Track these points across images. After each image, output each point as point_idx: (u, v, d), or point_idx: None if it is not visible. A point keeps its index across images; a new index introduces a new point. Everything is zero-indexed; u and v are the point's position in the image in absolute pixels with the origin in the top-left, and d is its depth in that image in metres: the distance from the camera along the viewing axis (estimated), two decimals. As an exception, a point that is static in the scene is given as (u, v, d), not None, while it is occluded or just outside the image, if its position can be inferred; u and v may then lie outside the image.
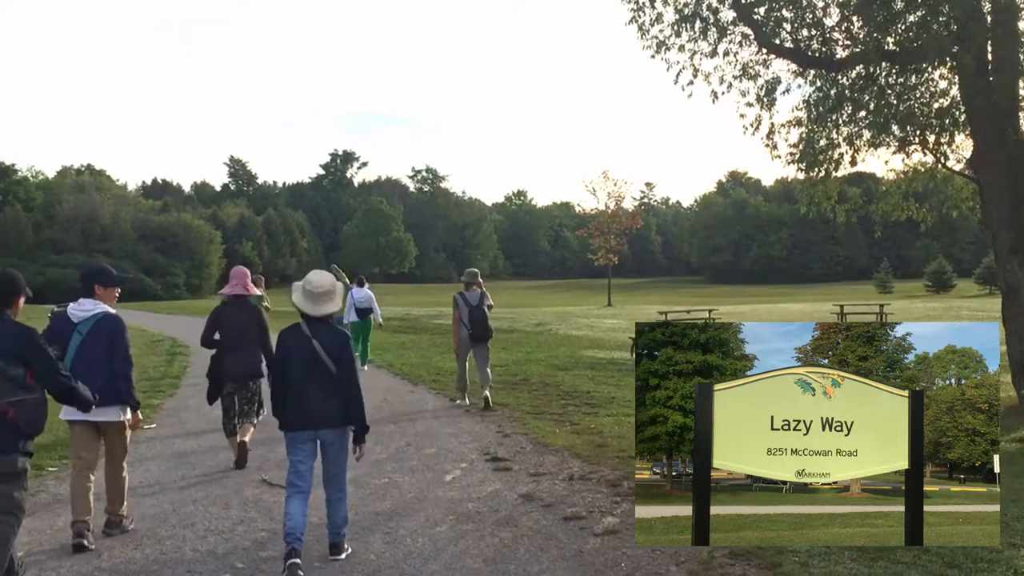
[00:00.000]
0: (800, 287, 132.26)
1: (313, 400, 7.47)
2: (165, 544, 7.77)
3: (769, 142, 16.32)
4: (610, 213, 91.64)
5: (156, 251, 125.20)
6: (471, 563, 7.17)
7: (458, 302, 16.02)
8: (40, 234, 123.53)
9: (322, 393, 7.48)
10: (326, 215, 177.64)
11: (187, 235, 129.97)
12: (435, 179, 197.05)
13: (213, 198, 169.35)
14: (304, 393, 7.49)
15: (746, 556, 7.07)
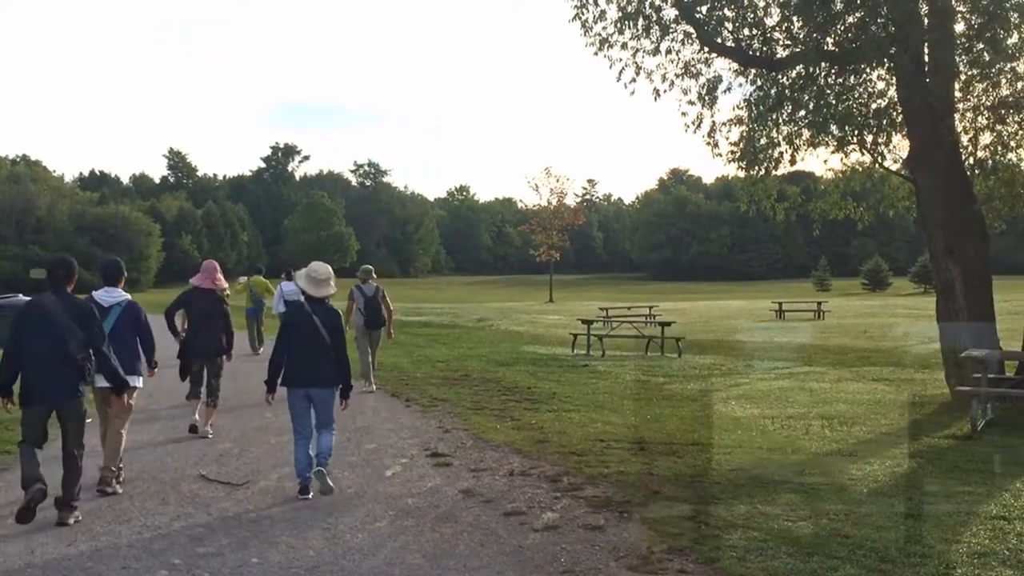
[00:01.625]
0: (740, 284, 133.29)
1: (309, 364, 9.38)
2: (100, 540, 7.67)
3: (710, 140, 16.44)
4: (552, 209, 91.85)
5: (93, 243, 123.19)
6: (411, 559, 7.16)
7: (354, 294, 17.77)
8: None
9: (317, 359, 9.40)
10: (267, 209, 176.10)
11: (125, 227, 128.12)
12: (377, 174, 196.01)
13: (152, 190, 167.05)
14: (302, 358, 9.39)
15: (684, 551, 7.13)
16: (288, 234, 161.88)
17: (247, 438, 12.55)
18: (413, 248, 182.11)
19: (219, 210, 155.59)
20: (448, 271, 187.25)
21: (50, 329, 8.34)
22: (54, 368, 8.32)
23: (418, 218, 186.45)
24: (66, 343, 8.36)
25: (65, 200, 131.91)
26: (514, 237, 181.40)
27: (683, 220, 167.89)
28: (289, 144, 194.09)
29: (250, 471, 10.43)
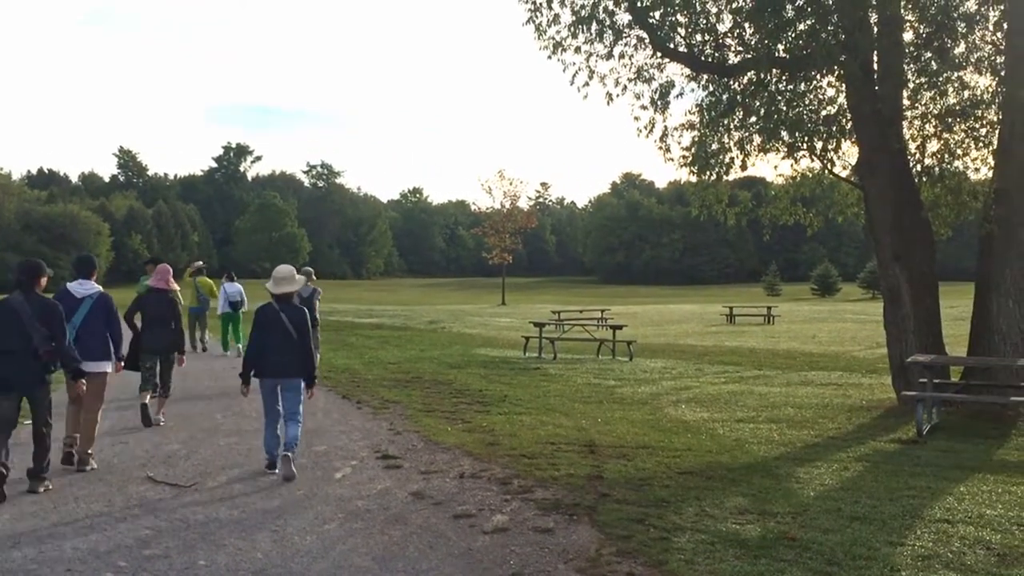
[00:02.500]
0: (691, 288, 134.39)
1: (278, 357, 10.48)
2: (45, 544, 7.57)
3: (662, 145, 16.49)
4: (505, 212, 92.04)
5: (41, 242, 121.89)
6: (360, 561, 7.13)
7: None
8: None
9: (285, 352, 10.49)
10: (218, 209, 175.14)
11: (74, 226, 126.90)
12: (330, 175, 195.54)
13: (101, 189, 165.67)
14: (272, 352, 10.47)
15: (632, 553, 7.16)
16: (239, 234, 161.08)
17: (196, 440, 12.45)
18: (366, 250, 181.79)
19: (170, 210, 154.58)
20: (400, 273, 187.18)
21: (17, 326, 9.34)
22: (22, 361, 9.34)
23: (371, 220, 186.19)
24: (31, 339, 9.34)
25: (12, 198, 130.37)
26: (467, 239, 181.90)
27: (635, 224, 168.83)
28: (241, 144, 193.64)
29: (198, 473, 10.34)
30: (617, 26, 15.76)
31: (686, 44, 15.79)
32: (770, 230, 19.16)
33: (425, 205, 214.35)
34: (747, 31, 15.32)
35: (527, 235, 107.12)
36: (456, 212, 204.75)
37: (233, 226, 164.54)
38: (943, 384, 14.50)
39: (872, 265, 73.63)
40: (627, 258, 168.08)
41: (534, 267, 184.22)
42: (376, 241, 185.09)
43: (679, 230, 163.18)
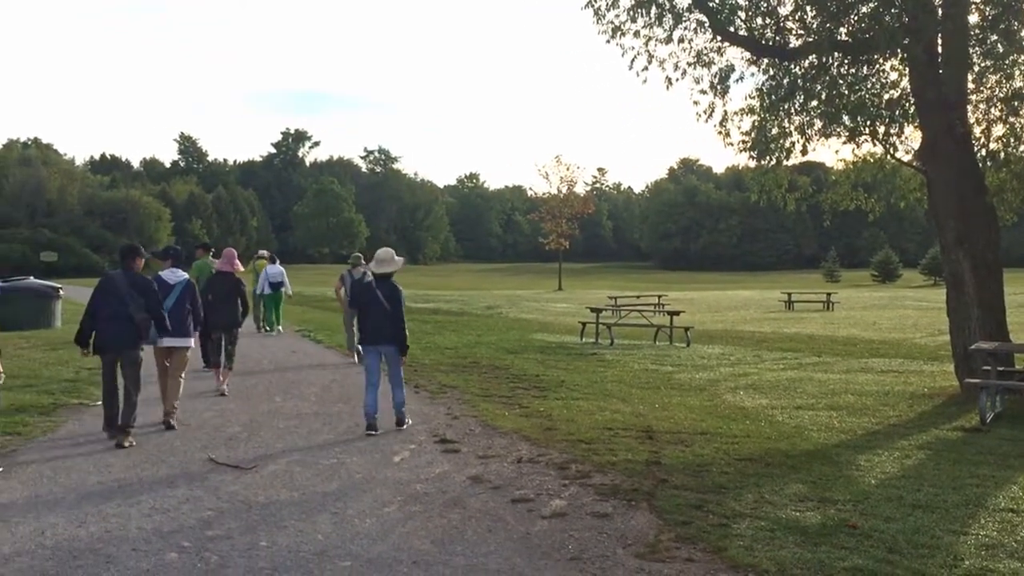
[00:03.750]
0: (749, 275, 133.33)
1: (378, 327, 12.06)
2: (110, 522, 7.70)
3: (722, 130, 16.38)
4: (562, 197, 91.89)
5: (104, 227, 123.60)
6: (419, 544, 7.17)
7: (345, 278, 20.26)
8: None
9: (382, 322, 12.01)
10: (277, 194, 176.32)
11: (135, 211, 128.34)
12: (387, 160, 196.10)
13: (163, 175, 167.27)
14: (373, 322, 12.13)
15: (691, 539, 7.14)
16: (297, 220, 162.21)
17: (256, 423, 12.58)
18: (422, 235, 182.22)
19: (229, 195, 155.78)
20: (457, 258, 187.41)
21: (116, 296, 11.18)
22: (120, 325, 11.15)
23: (427, 205, 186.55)
24: (126, 308, 11.13)
25: (76, 183, 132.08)
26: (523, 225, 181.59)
27: (693, 210, 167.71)
28: (300, 130, 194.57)
29: (259, 455, 10.46)
30: (677, 10, 15.68)
31: (746, 28, 15.66)
32: (830, 216, 18.96)
33: (482, 190, 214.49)
34: (809, 14, 15.17)
35: (584, 221, 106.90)
36: (513, 197, 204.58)
37: (291, 211, 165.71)
38: (1007, 372, 14.28)
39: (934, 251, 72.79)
40: (684, 244, 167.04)
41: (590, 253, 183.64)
42: (433, 226, 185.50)
43: (737, 216, 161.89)
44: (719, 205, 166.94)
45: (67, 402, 14.03)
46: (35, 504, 8.23)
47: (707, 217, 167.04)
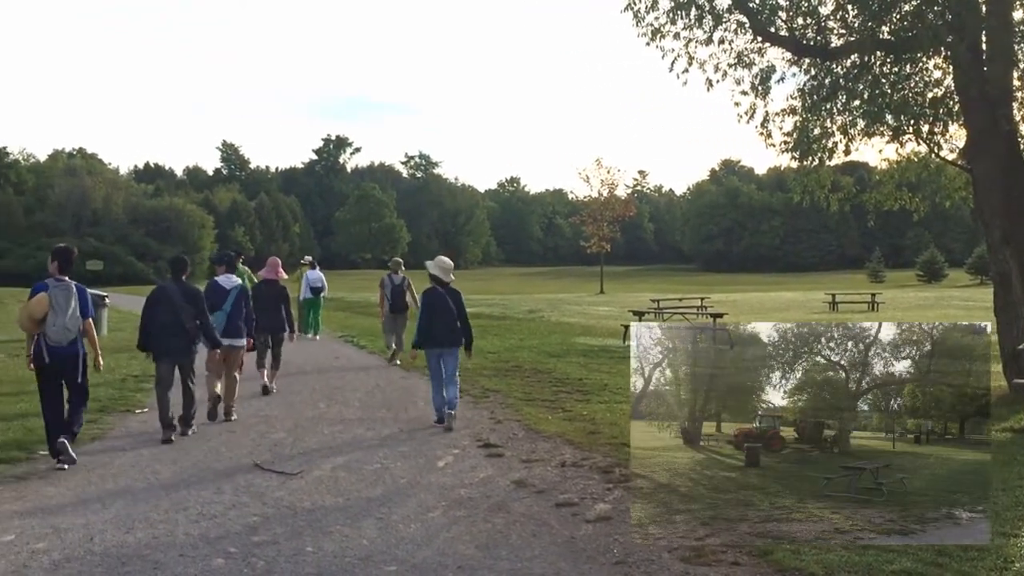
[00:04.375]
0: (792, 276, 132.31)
1: (442, 330, 12.79)
2: (158, 528, 7.77)
3: (763, 130, 16.30)
4: (603, 200, 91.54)
5: (148, 235, 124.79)
6: (464, 549, 7.18)
7: (384, 283, 20.63)
8: (31, 218, 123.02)
9: (447, 326, 12.80)
10: (318, 201, 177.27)
11: (179, 219, 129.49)
12: (428, 165, 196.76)
13: (205, 182, 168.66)
14: (437, 326, 12.78)
15: (738, 545, 7.09)
16: (340, 225, 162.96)
17: (300, 428, 12.65)
18: (464, 239, 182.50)
19: (271, 202, 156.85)
20: (498, 262, 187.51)
21: (171, 307, 11.93)
22: (176, 333, 11.94)
23: (468, 209, 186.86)
24: (179, 316, 11.90)
25: (120, 192, 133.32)
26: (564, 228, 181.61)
27: (735, 211, 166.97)
28: (341, 136, 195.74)
29: (304, 461, 10.51)
30: (717, 11, 15.61)
31: (787, 28, 15.57)
32: (874, 216, 18.81)
33: (522, 194, 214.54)
34: (850, 13, 15.04)
35: (625, 223, 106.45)
36: (553, 201, 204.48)
37: (333, 217, 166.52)
38: (1056, 372, 14.08)
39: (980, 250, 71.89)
40: (726, 245, 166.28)
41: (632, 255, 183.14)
42: (474, 231, 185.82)
43: (779, 216, 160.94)
44: (761, 206, 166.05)
45: (114, 409, 14.17)
46: (84, 510, 8.32)
47: (749, 218, 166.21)
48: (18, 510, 8.34)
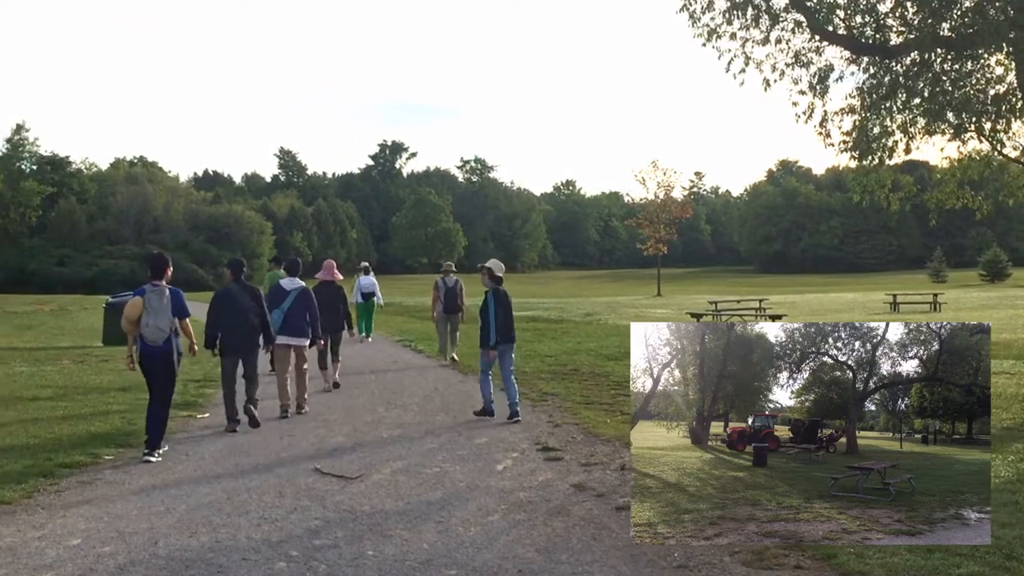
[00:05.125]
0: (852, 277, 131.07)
1: (506, 328, 13.63)
2: (220, 532, 7.84)
3: (822, 130, 16.20)
4: (659, 202, 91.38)
5: (208, 241, 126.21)
6: (524, 552, 7.17)
7: (438, 285, 21.50)
8: (94, 225, 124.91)
9: (508, 324, 13.70)
10: (375, 206, 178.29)
11: (238, 226, 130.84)
12: (484, 169, 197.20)
13: (264, 189, 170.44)
14: (503, 324, 13.56)
15: (800, 547, 7.02)
16: (396, 230, 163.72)
17: (359, 432, 12.71)
18: (520, 243, 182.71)
19: (329, 208, 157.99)
20: (555, 265, 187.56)
21: (237, 307, 12.91)
22: (241, 332, 12.91)
23: (524, 213, 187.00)
24: (247, 315, 12.92)
25: (180, 200, 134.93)
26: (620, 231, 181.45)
27: (793, 212, 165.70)
28: (397, 141, 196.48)
29: (364, 465, 10.55)
30: (774, 11, 15.55)
31: (845, 26, 15.45)
32: (935, 215, 18.59)
33: (578, 197, 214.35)
34: (909, 10, 14.91)
35: (682, 225, 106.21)
36: (609, 204, 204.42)
37: (390, 222, 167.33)
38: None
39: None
40: (784, 246, 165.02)
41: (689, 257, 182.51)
42: (530, 234, 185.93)
43: (838, 217, 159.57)
44: (819, 206, 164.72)
45: (175, 414, 14.30)
46: (148, 514, 8.41)
47: (807, 219, 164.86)
48: (84, 514, 8.45)
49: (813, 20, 15.32)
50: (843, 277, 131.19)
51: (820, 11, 15.27)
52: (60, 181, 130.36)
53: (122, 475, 10.12)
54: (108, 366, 20.73)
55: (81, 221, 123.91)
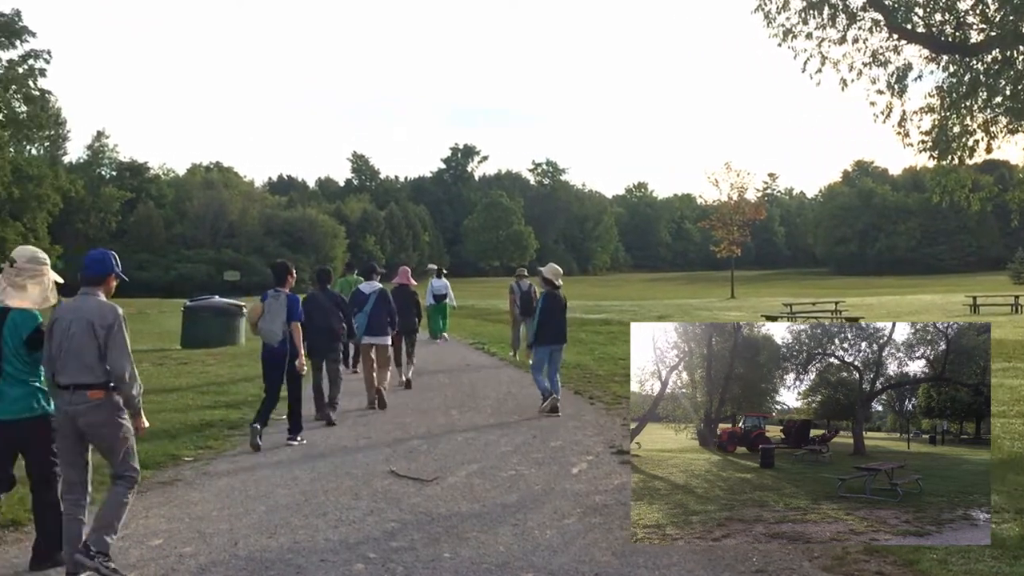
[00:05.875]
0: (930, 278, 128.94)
1: (556, 328, 14.69)
2: (299, 533, 7.92)
3: (900, 130, 15.99)
4: (733, 204, 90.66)
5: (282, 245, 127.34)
6: (600, 556, 7.15)
7: (513, 288, 22.82)
8: (171, 230, 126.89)
9: (560, 325, 14.76)
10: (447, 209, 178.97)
11: (312, 230, 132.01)
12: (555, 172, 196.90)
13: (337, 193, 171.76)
14: (553, 326, 14.64)
15: (881, 552, 6.92)
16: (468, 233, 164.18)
17: (434, 435, 12.76)
18: (591, 245, 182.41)
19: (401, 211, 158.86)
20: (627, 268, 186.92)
21: (320, 312, 13.84)
22: (324, 336, 13.89)
23: (596, 215, 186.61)
24: (330, 319, 13.94)
25: (255, 204, 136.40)
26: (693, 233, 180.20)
27: (869, 213, 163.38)
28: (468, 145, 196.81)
29: (439, 467, 10.59)
30: (850, 9, 15.35)
31: (924, 24, 15.22)
32: (1017, 215, 18.23)
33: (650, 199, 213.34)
34: (990, 7, 14.65)
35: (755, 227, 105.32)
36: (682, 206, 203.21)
37: (462, 225, 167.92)
38: None
39: None
40: (860, 248, 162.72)
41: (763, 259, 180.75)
42: (602, 236, 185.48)
43: (915, 218, 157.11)
44: (896, 207, 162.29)
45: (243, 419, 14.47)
46: (227, 515, 8.52)
47: (884, 220, 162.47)
48: (165, 515, 8.58)
49: (891, 19, 15.11)
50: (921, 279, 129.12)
51: (899, 9, 15.06)
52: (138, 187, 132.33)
53: (201, 476, 10.26)
54: (187, 368, 21.04)
55: (159, 226, 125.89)
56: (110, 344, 6.74)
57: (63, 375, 6.77)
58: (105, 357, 6.74)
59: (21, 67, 74.68)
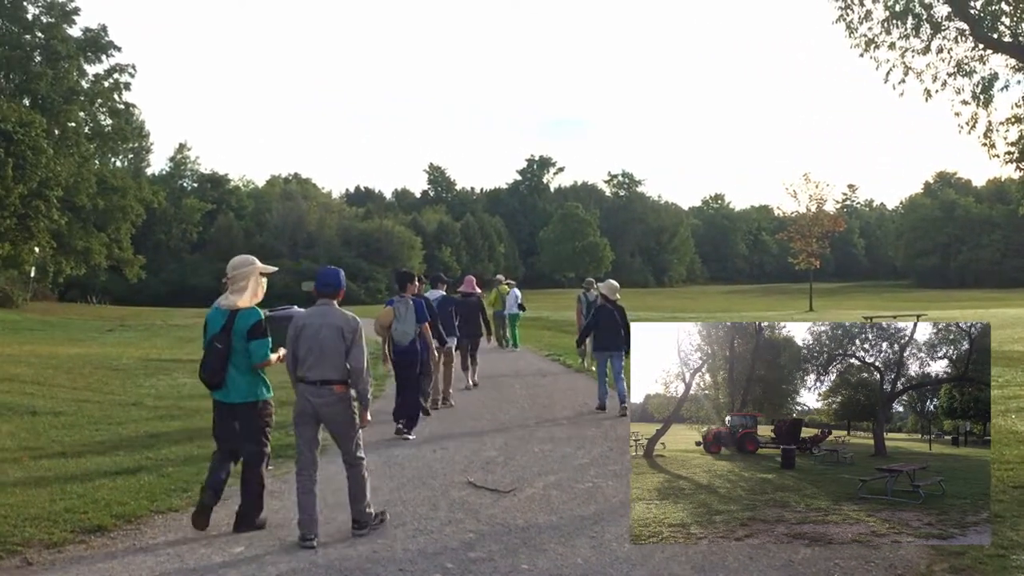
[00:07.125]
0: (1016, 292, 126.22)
1: (609, 337, 15.77)
2: (377, 542, 7.97)
3: (987, 141, 15.74)
4: (811, 216, 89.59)
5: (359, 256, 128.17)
6: (679, 570, 7.11)
7: (580, 299, 23.55)
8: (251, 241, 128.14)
9: (612, 333, 15.69)
10: (523, 220, 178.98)
11: (389, 241, 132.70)
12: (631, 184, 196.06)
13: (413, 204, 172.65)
14: (605, 334, 15.85)
15: (966, 570, 6.81)
16: (544, 245, 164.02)
17: (511, 446, 12.77)
18: (667, 257, 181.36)
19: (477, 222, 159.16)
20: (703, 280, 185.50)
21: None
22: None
23: (672, 227, 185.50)
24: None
25: (333, 215, 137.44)
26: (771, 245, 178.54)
27: (951, 225, 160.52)
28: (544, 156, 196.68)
29: (516, 479, 10.60)
30: (935, 19, 15.15)
31: (1011, 34, 14.96)
32: (1109, 227, 17.85)
33: (727, 211, 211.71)
34: (1079, 16, 14.36)
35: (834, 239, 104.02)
36: (759, 217, 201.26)
37: (537, 237, 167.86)
38: None
39: None
40: (942, 260, 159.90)
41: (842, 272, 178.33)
42: (678, 248, 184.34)
43: (1000, 230, 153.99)
44: (980, 219, 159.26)
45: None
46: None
47: (968, 232, 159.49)
48: (247, 522, 8.67)
49: (977, 28, 14.87)
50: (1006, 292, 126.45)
51: (984, 19, 14.82)
52: (219, 198, 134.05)
53: (280, 484, 10.35)
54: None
55: (239, 237, 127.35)
56: (354, 346, 8.23)
57: (312, 371, 8.25)
58: (348, 356, 8.18)
59: (107, 81, 76.04)
